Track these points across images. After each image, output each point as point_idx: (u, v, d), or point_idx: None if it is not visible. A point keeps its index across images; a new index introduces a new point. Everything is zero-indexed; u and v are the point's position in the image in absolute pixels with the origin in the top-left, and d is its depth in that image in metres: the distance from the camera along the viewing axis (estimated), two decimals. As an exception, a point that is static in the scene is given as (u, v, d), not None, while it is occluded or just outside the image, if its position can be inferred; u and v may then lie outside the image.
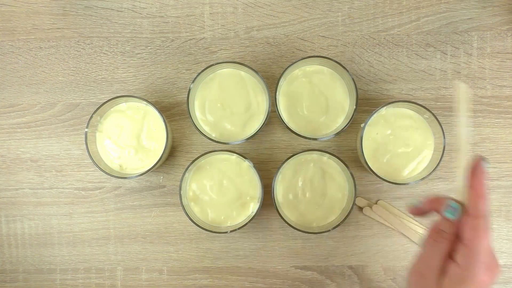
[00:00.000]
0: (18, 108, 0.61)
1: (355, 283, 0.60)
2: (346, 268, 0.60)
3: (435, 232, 0.40)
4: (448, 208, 0.40)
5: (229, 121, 0.57)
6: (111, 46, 0.61)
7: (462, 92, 0.40)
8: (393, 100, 0.59)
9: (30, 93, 0.61)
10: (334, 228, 0.54)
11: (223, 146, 0.59)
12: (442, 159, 0.53)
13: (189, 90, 0.55)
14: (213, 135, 0.57)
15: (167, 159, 0.60)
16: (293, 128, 0.56)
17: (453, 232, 0.39)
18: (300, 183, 0.56)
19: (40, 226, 0.61)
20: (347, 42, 0.60)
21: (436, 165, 0.54)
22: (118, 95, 0.59)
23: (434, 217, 0.41)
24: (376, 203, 0.59)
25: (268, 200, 0.57)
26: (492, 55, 0.60)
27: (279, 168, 0.55)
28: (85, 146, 0.55)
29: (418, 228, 0.59)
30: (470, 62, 0.60)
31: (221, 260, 0.60)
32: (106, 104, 0.55)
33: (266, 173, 0.59)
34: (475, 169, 0.39)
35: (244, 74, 0.57)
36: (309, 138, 0.55)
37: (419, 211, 0.43)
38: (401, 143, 0.56)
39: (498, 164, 0.59)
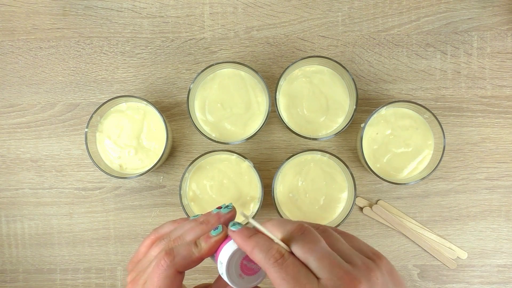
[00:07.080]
0: (18, 108, 0.61)
1: (355, 283, 0.60)
2: (346, 268, 0.60)
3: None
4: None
5: (229, 121, 0.57)
6: (111, 46, 0.61)
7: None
8: (393, 100, 0.59)
9: (30, 93, 0.61)
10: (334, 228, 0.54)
11: (223, 146, 0.59)
12: (442, 159, 0.53)
13: (189, 90, 0.55)
14: (213, 135, 0.57)
15: (167, 159, 0.60)
16: (293, 128, 0.56)
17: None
18: (300, 183, 0.56)
19: (40, 226, 0.61)
20: (347, 42, 0.60)
21: (436, 165, 0.54)
22: (118, 95, 0.59)
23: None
24: (376, 203, 0.59)
25: (268, 200, 0.57)
26: (492, 55, 0.60)
27: (279, 168, 0.55)
28: (85, 146, 0.55)
29: (418, 228, 0.59)
30: (470, 62, 0.60)
31: (221, 260, 0.60)
32: (106, 104, 0.55)
33: (266, 173, 0.59)
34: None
35: (244, 74, 0.57)
36: (309, 138, 0.55)
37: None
38: (401, 143, 0.56)
39: (498, 164, 0.59)
